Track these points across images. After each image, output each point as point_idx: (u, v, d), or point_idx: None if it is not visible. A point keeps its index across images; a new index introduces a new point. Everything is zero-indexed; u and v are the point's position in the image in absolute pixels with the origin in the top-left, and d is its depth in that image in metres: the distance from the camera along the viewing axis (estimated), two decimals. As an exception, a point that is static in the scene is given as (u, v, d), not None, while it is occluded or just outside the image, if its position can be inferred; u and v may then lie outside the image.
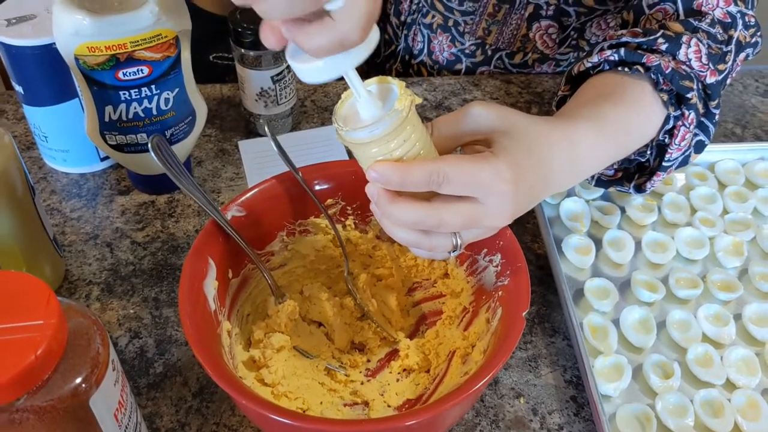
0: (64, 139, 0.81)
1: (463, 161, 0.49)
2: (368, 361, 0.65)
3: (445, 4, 0.96)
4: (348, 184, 0.65)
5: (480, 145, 0.55)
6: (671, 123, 0.66)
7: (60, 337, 0.40)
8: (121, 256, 0.75)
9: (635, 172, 0.73)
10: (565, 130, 0.58)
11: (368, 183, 0.51)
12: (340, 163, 0.66)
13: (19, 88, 0.77)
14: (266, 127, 0.63)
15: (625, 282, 0.72)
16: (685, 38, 0.65)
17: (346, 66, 0.46)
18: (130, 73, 0.70)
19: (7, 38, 0.73)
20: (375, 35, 0.46)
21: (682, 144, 0.67)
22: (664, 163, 0.69)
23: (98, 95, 0.71)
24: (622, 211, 0.78)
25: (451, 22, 0.98)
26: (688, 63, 0.65)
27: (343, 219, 0.67)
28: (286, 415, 0.47)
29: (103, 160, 0.84)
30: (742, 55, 0.70)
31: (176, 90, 0.74)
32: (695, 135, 0.69)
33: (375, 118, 0.48)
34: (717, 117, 0.70)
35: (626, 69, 0.66)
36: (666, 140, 0.68)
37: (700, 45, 0.65)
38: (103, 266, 0.74)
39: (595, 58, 0.67)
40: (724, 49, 0.68)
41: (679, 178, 0.82)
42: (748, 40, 0.70)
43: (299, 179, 0.63)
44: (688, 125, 0.66)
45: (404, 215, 0.49)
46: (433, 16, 0.99)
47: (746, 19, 0.69)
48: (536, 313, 0.70)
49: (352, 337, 0.66)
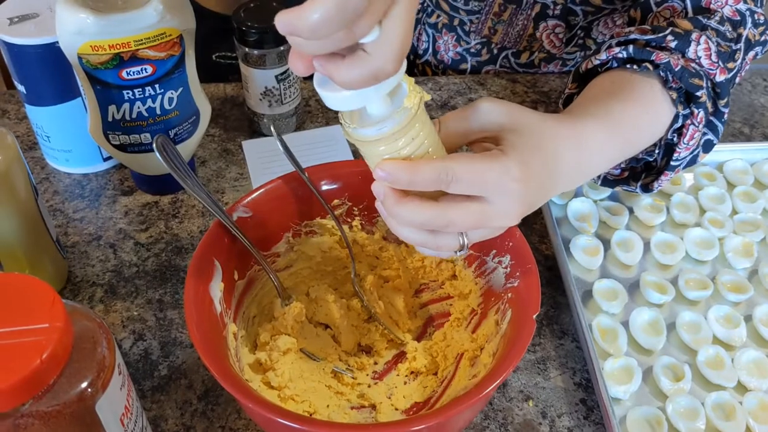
0: (67, 139, 0.80)
1: (473, 160, 0.48)
2: (375, 364, 0.64)
3: (451, 4, 0.95)
4: (354, 185, 0.64)
5: (488, 143, 0.54)
6: (680, 122, 0.66)
7: (66, 340, 0.39)
8: (124, 258, 0.75)
9: (642, 172, 0.72)
10: (574, 128, 0.57)
11: (375, 181, 0.50)
12: (347, 164, 0.66)
13: (21, 88, 0.76)
14: (272, 128, 0.62)
15: (634, 283, 0.71)
16: (694, 36, 0.65)
17: (375, 96, 0.46)
18: (133, 72, 0.69)
19: (10, 37, 0.72)
20: (404, 65, 0.46)
21: (691, 143, 0.67)
22: (672, 163, 0.68)
23: (101, 95, 0.71)
24: (630, 211, 0.77)
25: (456, 22, 0.97)
26: (697, 61, 0.64)
27: (350, 220, 0.66)
28: (294, 419, 0.47)
29: (106, 160, 0.84)
30: (752, 54, 0.69)
31: (180, 89, 0.73)
32: (704, 134, 0.68)
33: (383, 115, 0.47)
34: (726, 116, 0.69)
35: (635, 66, 0.65)
36: (674, 139, 0.67)
37: (710, 43, 0.65)
38: (107, 267, 0.74)
39: (604, 56, 0.67)
40: (734, 47, 0.67)
41: (688, 178, 0.82)
42: (757, 38, 0.69)
43: (305, 179, 0.62)
44: (697, 124, 0.65)
45: (412, 215, 0.49)
46: (438, 16, 0.99)
47: (755, 16, 0.69)
48: (545, 315, 0.70)
49: (359, 340, 0.65)
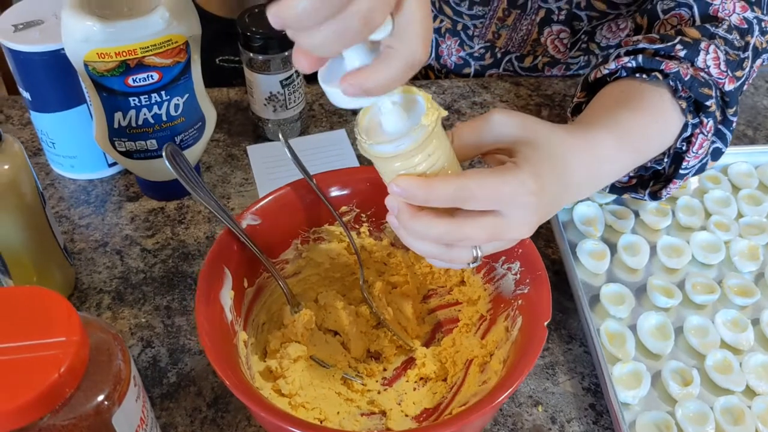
0: (72, 145, 0.80)
1: (488, 176, 0.48)
2: (384, 370, 0.64)
3: (454, 9, 0.95)
4: (362, 191, 0.64)
5: (501, 154, 0.54)
6: (689, 131, 0.66)
7: (82, 353, 0.39)
8: (131, 264, 0.75)
9: (650, 179, 0.72)
10: (585, 139, 0.57)
11: (389, 195, 0.50)
12: (355, 170, 0.66)
13: (26, 94, 0.76)
14: (280, 135, 0.62)
15: (641, 287, 0.71)
16: (703, 45, 0.65)
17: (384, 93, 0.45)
18: (139, 79, 0.69)
19: (15, 44, 0.72)
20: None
21: (700, 152, 0.67)
22: (681, 171, 0.68)
23: (107, 101, 0.70)
24: (636, 215, 0.78)
25: (459, 27, 0.97)
26: (706, 70, 0.64)
27: (358, 226, 0.66)
28: (308, 428, 0.47)
29: (111, 166, 0.83)
30: (759, 61, 0.70)
31: (186, 96, 0.73)
32: (712, 142, 0.68)
33: (400, 131, 0.47)
34: (734, 124, 0.69)
35: (644, 76, 0.65)
36: (683, 148, 0.67)
37: (719, 52, 0.65)
38: (114, 274, 0.74)
39: (612, 65, 0.66)
40: (742, 56, 0.67)
41: (693, 181, 0.82)
42: (764, 45, 0.69)
43: (313, 186, 0.63)
44: (706, 133, 0.65)
45: (427, 230, 0.49)
46: (442, 21, 0.99)
47: (762, 24, 0.69)
48: (552, 320, 0.70)
49: (368, 346, 0.65)
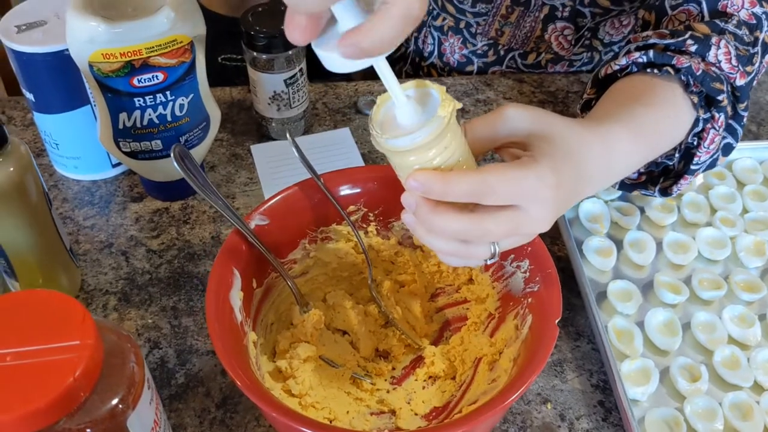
0: (76, 146, 0.80)
1: (507, 170, 0.48)
2: (393, 369, 0.64)
3: (457, 6, 0.95)
4: (370, 190, 0.64)
5: (516, 148, 0.54)
6: (700, 126, 0.66)
7: (97, 357, 0.39)
8: (136, 265, 0.74)
9: (659, 176, 0.72)
10: (599, 133, 0.57)
11: (404, 192, 0.50)
12: (362, 169, 0.66)
13: (29, 96, 0.76)
14: (287, 134, 0.62)
15: (648, 284, 0.71)
16: (714, 40, 0.64)
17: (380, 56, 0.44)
18: (144, 80, 0.69)
19: (18, 45, 0.71)
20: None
21: (711, 147, 0.67)
22: (692, 167, 0.68)
23: (112, 102, 0.70)
24: (642, 211, 0.78)
25: (462, 24, 0.97)
26: (717, 65, 0.64)
27: (365, 225, 0.66)
28: (322, 428, 0.47)
29: (115, 166, 0.83)
30: None
31: (191, 96, 0.73)
32: (723, 138, 0.68)
33: (415, 124, 0.46)
34: (745, 119, 0.69)
35: (655, 71, 0.65)
36: (694, 143, 0.67)
37: (729, 47, 0.65)
38: (119, 275, 0.73)
39: (623, 61, 0.66)
40: (751, 51, 0.67)
41: (698, 177, 0.82)
42: None
43: (321, 186, 0.62)
44: (717, 128, 0.65)
45: (447, 225, 0.48)
46: (444, 19, 0.99)
47: None
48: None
49: (377, 345, 0.65)
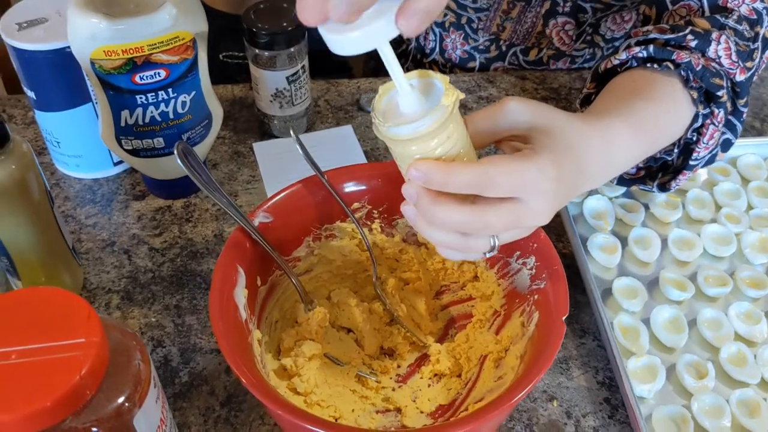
0: (77, 144, 0.79)
1: (509, 162, 0.48)
2: (398, 367, 0.64)
3: (458, 2, 0.95)
4: (374, 188, 0.64)
5: (516, 142, 0.53)
6: (700, 121, 0.66)
7: (102, 354, 0.39)
8: (139, 263, 0.74)
9: (658, 171, 0.72)
10: (599, 128, 0.57)
11: (405, 183, 0.49)
12: (366, 166, 0.65)
13: (31, 94, 0.75)
14: (291, 131, 0.62)
15: (653, 281, 0.71)
16: (714, 35, 0.64)
17: (383, 36, 0.43)
18: (147, 77, 0.68)
19: (19, 42, 0.71)
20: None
21: (710, 143, 0.67)
22: (691, 162, 0.68)
23: (114, 100, 0.70)
24: (646, 208, 0.77)
25: (464, 20, 0.97)
26: (717, 60, 0.64)
27: (369, 223, 0.66)
28: (330, 427, 0.46)
29: (116, 164, 0.83)
30: None
31: (193, 93, 0.73)
32: (723, 133, 0.68)
33: (417, 113, 0.46)
34: (744, 115, 0.69)
35: (655, 65, 0.64)
36: (693, 138, 0.67)
37: (729, 42, 0.64)
38: (122, 274, 0.73)
39: (623, 55, 0.66)
40: (751, 47, 0.67)
41: (702, 173, 0.82)
42: None
43: (325, 183, 0.62)
44: (717, 124, 0.65)
45: (448, 217, 0.48)
46: (445, 15, 0.98)
47: None
48: (565, 314, 0.69)
49: (381, 343, 0.65)
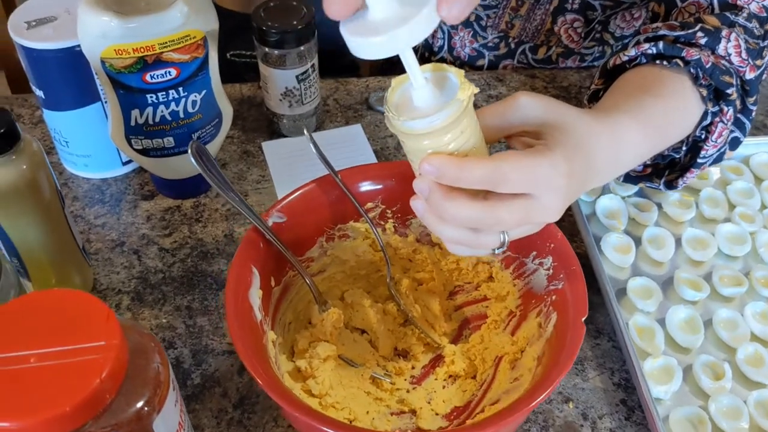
0: (86, 143, 0.79)
1: (522, 158, 0.47)
2: (413, 368, 0.63)
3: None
4: (388, 187, 0.63)
5: (527, 137, 0.53)
6: (709, 119, 0.65)
7: (122, 357, 0.38)
8: (149, 264, 0.73)
9: (665, 168, 0.71)
10: (608, 124, 0.57)
11: (416, 178, 0.49)
12: (380, 166, 0.65)
13: (39, 93, 0.75)
14: (305, 131, 0.61)
15: (668, 280, 0.70)
16: (724, 32, 0.64)
17: (406, 42, 0.43)
18: (157, 76, 0.68)
19: (29, 41, 0.70)
20: (437, 16, 0.43)
21: (719, 141, 0.66)
22: (699, 160, 0.67)
23: (124, 99, 0.69)
24: (659, 207, 0.77)
25: (472, 17, 0.96)
26: (727, 58, 0.64)
27: (383, 222, 0.65)
28: (348, 429, 0.46)
29: (125, 164, 0.82)
30: None
31: (203, 92, 0.72)
32: (731, 131, 0.68)
33: (432, 107, 0.45)
34: (754, 113, 0.68)
35: (665, 62, 0.64)
36: (702, 136, 0.67)
37: (740, 40, 0.64)
38: (132, 274, 0.72)
39: (632, 52, 0.66)
40: (761, 44, 0.66)
41: (714, 172, 0.81)
42: None
43: (339, 183, 0.61)
44: (726, 122, 0.65)
45: (459, 212, 0.47)
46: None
47: None
48: (579, 315, 0.69)
49: (396, 344, 0.64)
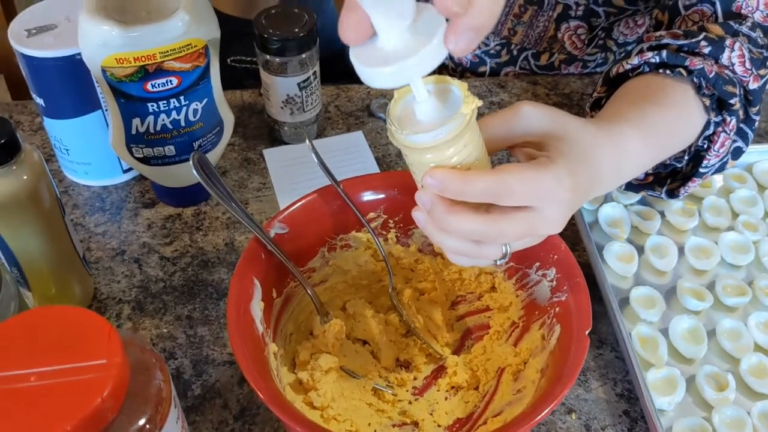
0: (87, 151, 0.78)
1: (525, 171, 0.47)
2: (415, 379, 0.63)
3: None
4: (390, 197, 0.63)
5: (530, 147, 0.53)
6: (711, 129, 0.65)
7: (124, 375, 0.38)
8: (150, 273, 0.73)
9: (667, 177, 0.71)
10: (610, 133, 0.56)
11: (418, 191, 0.48)
12: (382, 176, 0.65)
13: (39, 101, 0.74)
14: (307, 139, 0.61)
15: (670, 290, 0.70)
16: (728, 42, 0.64)
17: (416, 72, 0.43)
18: (158, 85, 0.67)
19: (29, 49, 0.70)
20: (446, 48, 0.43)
21: (721, 150, 0.66)
22: (701, 170, 0.67)
23: (125, 107, 0.69)
24: (662, 215, 0.76)
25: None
26: (731, 67, 0.64)
27: (385, 232, 0.65)
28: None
29: (125, 171, 0.82)
30: None
31: (205, 100, 0.72)
32: (734, 141, 0.68)
33: (435, 121, 0.45)
34: (756, 123, 0.68)
35: (668, 71, 0.64)
36: (704, 146, 0.67)
37: (743, 49, 0.64)
38: (132, 283, 0.72)
39: (635, 60, 0.66)
40: (765, 54, 0.66)
41: (717, 180, 0.81)
42: None
43: (341, 193, 0.61)
44: (728, 132, 0.65)
45: (462, 226, 0.47)
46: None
47: None
48: (582, 324, 0.69)
49: (398, 355, 0.64)
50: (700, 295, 0.68)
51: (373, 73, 0.43)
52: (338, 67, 0.99)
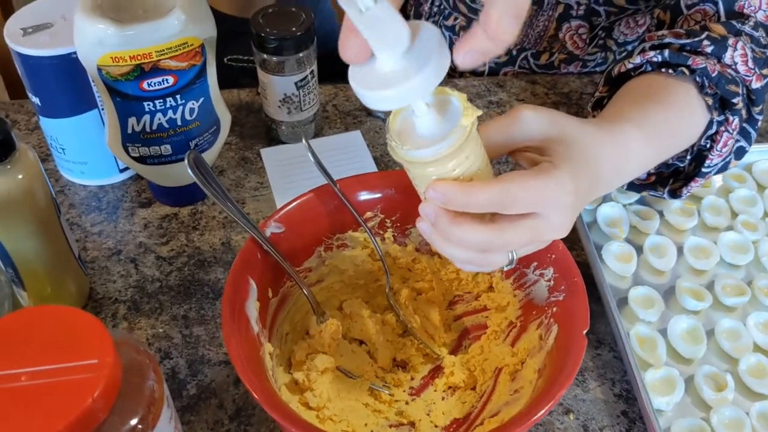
0: (83, 150, 0.78)
1: (528, 179, 0.47)
2: (412, 380, 0.63)
3: (469, 6, 0.94)
4: (387, 196, 0.62)
5: (532, 152, 0.52)
6: (714, 128, 0.65)
7: (116, 375, 0.37)
8: (146, 272, 0.73)
9: (669, 177, 0.71)
10: (613, 134, 0.56)
11: (422, 203, 0.48)
12: (379, 175, 0.64)
13: (35, 100, 0.74)
14: (303, 139, 0.61)
15: (669, 290, 0.70)
16: (731, 41, 0.63)
17: (416, 95, 0.43)
18: (154, 84, 0.67)
19: (25, 48, 0.70)
20: (447, 61, 0.42)
21: (724, 150, 0.66)
22: (704, 169, 0.67)
23: (121, 106, 0.69)
24: (661, 215, 0.76)
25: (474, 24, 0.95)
26: (734, 67, 0.63)
27: (382, 232, 0.64)
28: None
29: (122, 171, 0.82)
30: None
31: (201, 99, 0.71)
32: (737, 141, 0.67)
33: (435, 135, 0.45)
34: (759, 123, 0.68)
35: (670, 71, 0.64)
36: (707, 145, 0.66)
37: (746, 48, 0.64)
38: (128, 283, 0.72)
39: (638, 59, 0.65)
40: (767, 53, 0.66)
41: (717, 179, 0.81)
42: None
43: (338, 192, 0.61)
44: (731, 131, 0.64)
45: (468, 236, 0.47)
46: (456, 18, 0.97)
47: None
48: (580, 324, 0.68)
49: (394, 355, 0.64)
50: (699, 295, 0.68)
51: (373, 96, 0.42)
52: (336, 66, 0.98)
